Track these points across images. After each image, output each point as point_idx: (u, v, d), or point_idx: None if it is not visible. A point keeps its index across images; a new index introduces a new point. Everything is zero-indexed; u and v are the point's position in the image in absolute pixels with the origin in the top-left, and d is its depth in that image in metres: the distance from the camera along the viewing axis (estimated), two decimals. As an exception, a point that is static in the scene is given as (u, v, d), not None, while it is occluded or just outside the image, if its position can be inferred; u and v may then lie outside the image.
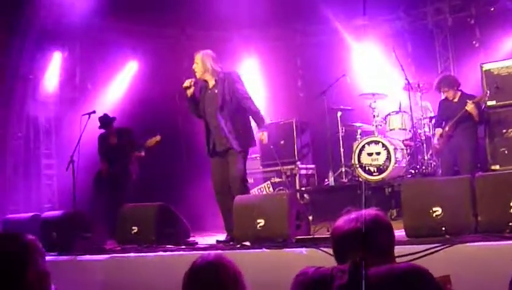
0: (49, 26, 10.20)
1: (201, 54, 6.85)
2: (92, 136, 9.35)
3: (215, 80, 6.83)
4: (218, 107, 6.73)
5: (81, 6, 9.94)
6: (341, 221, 2.61)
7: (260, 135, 6.97)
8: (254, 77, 11.53)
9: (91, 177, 9.38)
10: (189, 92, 6.82)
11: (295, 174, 9.80)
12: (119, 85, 11.38)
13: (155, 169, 9.87)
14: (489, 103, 8.49)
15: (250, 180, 9.95)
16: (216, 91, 6.78)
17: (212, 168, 6.95)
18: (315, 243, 5.51)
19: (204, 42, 11.51)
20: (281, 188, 9.77)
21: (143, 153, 9.13)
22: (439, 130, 8.52)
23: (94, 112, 8.98)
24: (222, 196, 6.88)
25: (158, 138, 8.96)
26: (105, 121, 9.35)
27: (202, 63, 6.81)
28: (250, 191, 9.58)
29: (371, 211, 2.61)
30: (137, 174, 9.24)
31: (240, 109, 6.83)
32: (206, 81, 6.89)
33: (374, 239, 2.51)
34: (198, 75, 6.84)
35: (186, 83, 6.81)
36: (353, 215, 2.59)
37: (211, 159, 6.95)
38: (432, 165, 9.06)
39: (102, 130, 9.46)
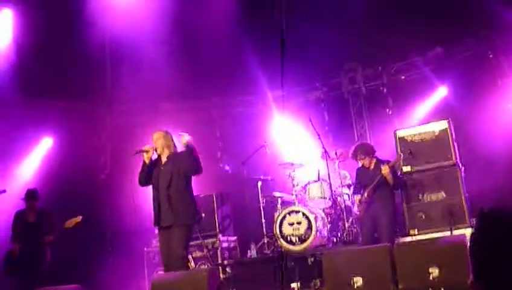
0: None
1: (165, 133, 7.23)
2: (4, 216, 8.93)
3: (167, 157, 7.11)
4: (169, 181, 6.95)
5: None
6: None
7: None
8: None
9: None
10: (148, 156, 7.06)
11: (217, 248, 9.59)
12: (32, 162, 10.97)
13: (70, 248, 9.45)
14: (405, 169, 8.67)
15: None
16: (169, 167, 7.03)
17: (160, 241, 7.06)
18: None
19: (120, 114, 11.43)
20: (203, 262, 9.53)
21: (52, 237, 8.68)
22: (358, 197, 8.58)
23: (4, 191, 8.61)
24: (170, 270, 6.84)
25: (79, 218, 8.50)
26: (32, 194, 8.94)
27: (165, 141, 7.13)
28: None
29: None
30: (51, 256, 8.77)
31: (184, 186, 7.03)
32: (160, 156, 7.16)
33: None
34: (158, 151, 7.11)
35: (147, 147, 7.06)
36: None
37: (159, 232, 7.07)
38: (353, 233, 9.07)
39: (24, 206, 9.00)
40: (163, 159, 7.14)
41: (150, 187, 7.17)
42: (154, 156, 7.19)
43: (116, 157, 10.96)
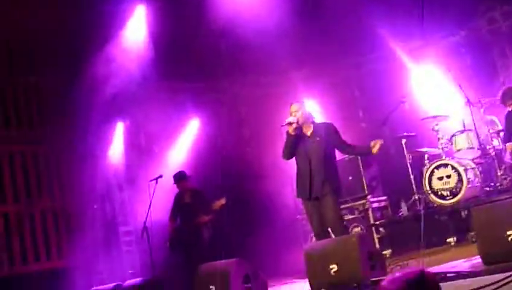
0: (108, 98, 10.50)
1: (302, 104, 7.22)
2: (164, 199, 9.51)
3: (313, 128, 7.13)
4: (322, 153, 6.99)
5: (136, 72, 10.25)
6: (386, 281, 2.54)
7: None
8: (315, 116, 11.47)
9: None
10: (292, 128, 6.99)
11: (367, 209, 9.61)
12: (183, 145, 11.57)
13: (224, 223, 9.93)
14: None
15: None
16: (318, 139, 7.04)
17: (310, 212, 7.11)
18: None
19: (256, 88, 11.68)
20: (356, 224, 9.59)
21: (207, 218, 9.09)
22: (510, 145, 8.22)
23: (161, 176, 9.17)
24: (323, 237, 6.98)
25: (223, 201, 8.87)
26: (179, 177, 9.43)
27: (304, 112, 7.12)
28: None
29: (418, 270, 2.52)
30: (210, 233, 9.21)
31: (333, 156, 7.19)
32: (301, 127, 7.10)
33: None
34: (300, 122, 7.03)
35: (291, 119, 6.98)
36: (398, 274, 2.51)
37: (307, 203, 7.11)
38: (507, 180, 8.70)
39: (177, 189, 9.54)
40: (308, 130, 7.12)
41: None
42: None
43: (258, 130, 11.28)
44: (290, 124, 6.98)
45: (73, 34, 9.57)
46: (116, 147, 11.05)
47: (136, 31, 10.36)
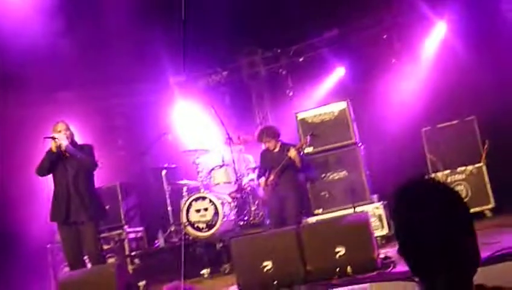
0: None
1: (66, 124, 7.03)
2: None
3: (71, 150, 6.89)
4: (81, 176, 6.84)
5: None
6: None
7: None
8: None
9: None
10: (56, 145, 6.75)
11: (123, 239, 9.42)
12: None
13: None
14: (307, 150, 8.82)
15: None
16: (74, 162, 6.87)
17: (65, 237, 6.81)
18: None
19: (24, 107, 10.89)
20: (111, 255, 9.33)
21: None
22: (263, 180, 8.64)
23: None
24: (77, 267, 6.65)
25: None
26: None
27: (68, 132, 6.96)
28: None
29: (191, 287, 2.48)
30: None
31: (92, 181, 7.06)
32: (60, 148, 6.85)
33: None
34: (64, 142, 6.80)
35: (58, 135, 6.78)
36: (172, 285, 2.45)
37: (62, 227, 6.81)
38: (260, 215, 9.16)
39: None
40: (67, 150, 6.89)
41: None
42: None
43: (11, 150, 10.49)
44: (54, 138, 6.77)
45: None
46: None
47: None
